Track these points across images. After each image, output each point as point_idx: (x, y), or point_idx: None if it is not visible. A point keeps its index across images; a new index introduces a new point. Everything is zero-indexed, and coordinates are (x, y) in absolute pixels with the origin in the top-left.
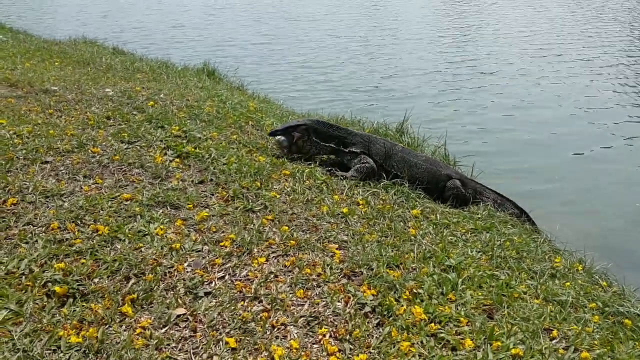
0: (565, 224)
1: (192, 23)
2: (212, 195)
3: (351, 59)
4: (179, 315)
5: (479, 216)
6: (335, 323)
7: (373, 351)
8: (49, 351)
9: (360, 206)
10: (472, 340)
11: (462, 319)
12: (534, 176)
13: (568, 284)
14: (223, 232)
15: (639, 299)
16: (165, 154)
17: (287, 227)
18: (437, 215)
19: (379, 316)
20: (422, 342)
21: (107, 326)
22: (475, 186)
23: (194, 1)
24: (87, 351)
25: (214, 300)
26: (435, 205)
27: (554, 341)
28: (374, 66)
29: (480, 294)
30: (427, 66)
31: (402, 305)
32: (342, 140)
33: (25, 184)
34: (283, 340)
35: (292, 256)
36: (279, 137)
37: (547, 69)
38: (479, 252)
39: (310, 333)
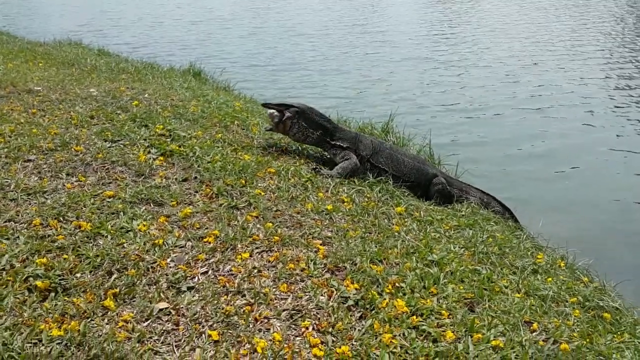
0: (548, 221)
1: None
2: (196, 192)
3: (339, 62)
4: (161, 309)
5: (463, 213)
6: (318, 316)
7: (355, 343)
8: (30, 344)
9: (345, 203)
10: (453, 332)
11: (443, 311)
12: (518, 175)
13: (550, 279)
14: (207, 228)
15: (619, 294)
16: (149, 152)
17: (271, 224)
18: (421, 212)
19: (362, 309)
20: (403, 334)
21: (89, 320)
22: (461, 185)
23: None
24: (68, 344)
25: (197, 295)
26: (420, 202)
27: (534, 333)
28: (363, 70)
29: (462, 287)
30: (415, 65)
31: (385, 299)
32: (330, 132)
33: (7, 182)
34: (266, 333)
35: (276, 252)
36: (271, 111)
37: (539, 72)
38: (462, 248)
39: (293, 326)
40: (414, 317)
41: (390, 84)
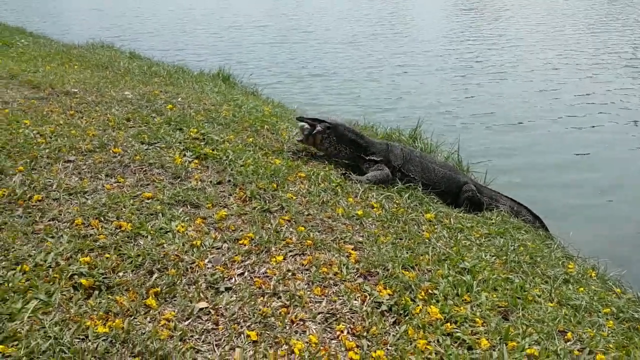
0: (578, 231)
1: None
2: (230, 195)
3: (368, 67)
4: (201, 309)
5: (493, 221)
6: (353, 320)
7: (390, 348)
8: (78, 340)
9: (375, 209)
10: (487, 340)
11: (477, 319)
12: (548, 185)
13: (582, 289)
14: (241, 230)
15: None
16: (184, 155)
17: (303, 228)
18: (451, 219)
19: (395, 315)
20: (438, 340)
21: (132, 317)
22: (491, 194)
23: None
24: (113, 341)
25: (235, 295)
26: (449, 210)
27: (568, 343)
28: (391, 76)
29: (495, 296)
30: (447, 74)
31: (418, 305)
32: (364, 147)
33: (50, 182)
34: (302, 335)
35: (309, 255)
36: (303, 123)
37: (571, 78)
38: (493, 256)
39: (329, 329)
40: (448, 324)
41: (420, 93)
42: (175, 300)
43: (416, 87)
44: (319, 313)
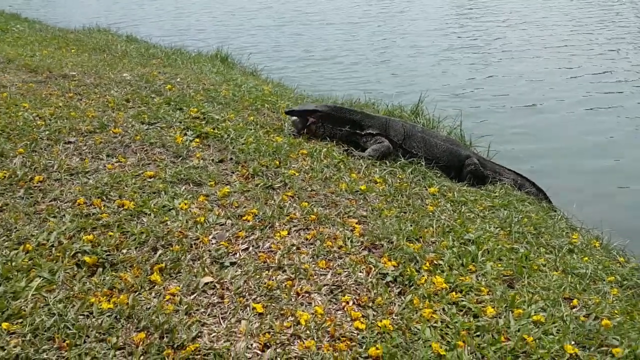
0: (582, 203)
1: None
2: (233, 173)
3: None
4: (206, 283)
5: (496, 194)
6: (358, 291)
7: (396, 317)
8: (82, 316)
9: (378, 184)
10: (493, 307)
11: (482, 288)
12: (550, 156)
13: (586, 258)
14: (245, 207)
15: None
16: (185, 134)
17: (307, 203)
18: (455, 193)
19: (401, 285)
20: (444, 309)
21: (137, 293)
22: (494, 167)
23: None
24: (118, 316)
25: (240, 270)
26: (452, 184)
27: (574, 309)
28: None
29: (500, 265)
30: (453, 55)
31: (423, 276)
32: (359, 123)
33: (50, 163)
34: (308, 306)
35: (313, 230)
36: (294, 118)
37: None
38: (497, 227)
39: (334, 300)
40: (454, 293)
41: (427, 74)
42: (180, 276)
43: (423, 68)
44: (324, 285)
